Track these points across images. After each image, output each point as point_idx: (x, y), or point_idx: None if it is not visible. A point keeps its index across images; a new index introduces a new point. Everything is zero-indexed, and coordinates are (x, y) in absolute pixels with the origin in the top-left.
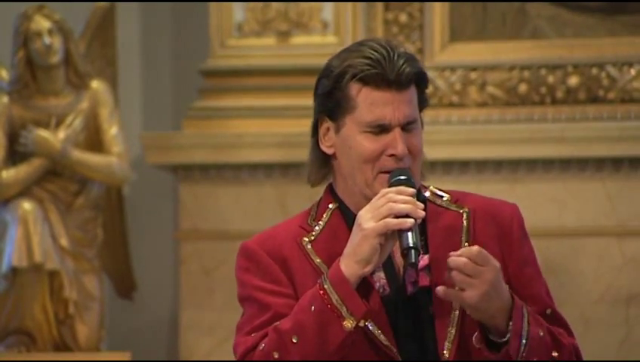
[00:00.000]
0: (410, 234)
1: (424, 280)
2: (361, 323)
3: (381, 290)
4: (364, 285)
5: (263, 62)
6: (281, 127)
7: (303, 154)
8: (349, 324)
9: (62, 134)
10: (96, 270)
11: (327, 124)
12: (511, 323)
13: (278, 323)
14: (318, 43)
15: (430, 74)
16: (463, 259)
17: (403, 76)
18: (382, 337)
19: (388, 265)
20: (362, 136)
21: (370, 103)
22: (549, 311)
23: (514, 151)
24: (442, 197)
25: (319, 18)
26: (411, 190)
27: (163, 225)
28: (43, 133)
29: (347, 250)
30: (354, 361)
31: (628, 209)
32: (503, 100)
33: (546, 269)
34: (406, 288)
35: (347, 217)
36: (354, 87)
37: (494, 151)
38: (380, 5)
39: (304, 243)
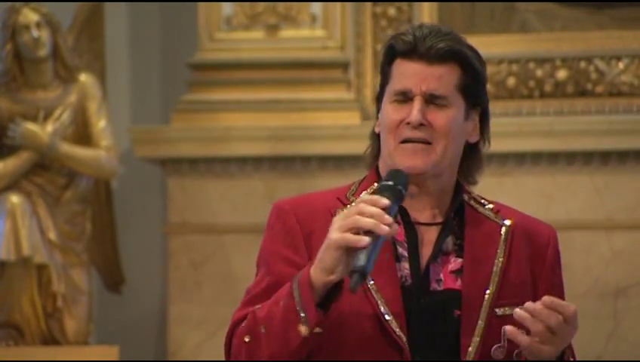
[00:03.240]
0: (362, 254)
1: (452, 283)
2: (317, 330)
3: (403, 280)
4: (388, 272)
5: (251, 55)
6: (270, 120)
7: (291, 147)
8: (303, 330)
9: (50, 127)
10: (84, 264)
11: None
12: None
13: (259, 306)
14: (307, 36)
15: None
16: (559, 318)
17: (433, 50)
18: (394, 324)
19: (413, 257)
20: (390, 106)
21: (400, 73)
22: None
23: (502, 145)
24: (484, 205)
25: (308, 11)
26: (384, 202)
27: (151, 219)
28: (31, 126)
29: (318, 255)
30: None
31: (616, 202)
32: (492, 94)
33: None
34: (429, 284)
35: None
36: (393, 60)
37: None
38: None
39: (338, 215)
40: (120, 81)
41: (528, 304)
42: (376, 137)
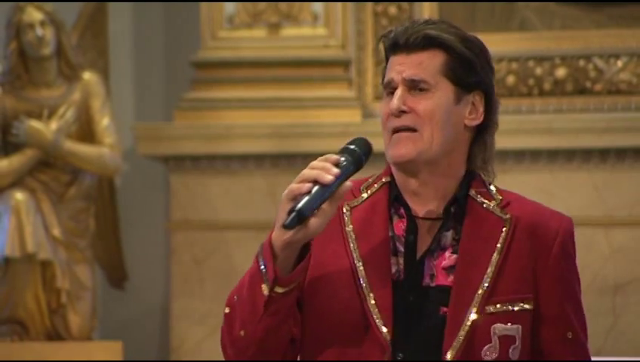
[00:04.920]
0: (305, 198)
1: (443, 279)
2: (278, 290)
3: (397, 275)
4: (381, 267)
5: (253, 53)
6: (271, 118)
7: (293, 144)
8: (265, 288)
9: (54, 125)
10: (88, 260)
11: None
12: None
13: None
14: (308, 35)
15: None
16: None
17: (411, 39)
18: (379, 320)
19: (409, 251)
20: (383, 102)
21: (388, 68)
22: (570, 334)
23: (502, 142)
24: (493, 198)
25: (309, 10)
26: (335, 157)
27: (154, 216)
28: (35, 124)
29: None
30: (342, 335)
31: (614, 199)
32: None
33: None
34: (422, 279)
35: (391, 192)
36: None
37: None
38: None
39: (345, 208)
40: (123, 79)
41: None
42: None
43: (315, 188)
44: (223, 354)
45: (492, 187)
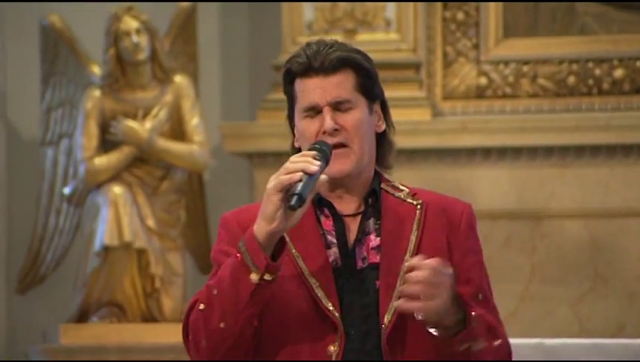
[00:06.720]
0: (300, 184)
1: (373, 258)
2: (267, 277)
3: (334, 264)
4: (319, 258)
5: None
6: None
7: None
8: (254, 277)
9: (148, 125)
10: (179, 248)
11: (293, 123)
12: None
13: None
14: (382, 40)
15: (485, 67)
16: (426, 272)
17: (327, 62)
18: (328, 303)
19: (341, 242)
20: (304, 122)
21: (303, 91)
22: (480, 295)
23: (563, 139)
24: (402, 190)
25: (383, 16)
26: (312, 153)
27: None
28: (131, 123)
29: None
30: (300, 324)
31: None
32: (553, 91)
33: (594, 247)
34: (356, 263)
35: (314, 201)
36: (293, 82)
37: (545, 138)
38: (438, 4)
39: None
40: (211, 82)
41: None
42: (296, 151)
43: (305, 177)
44: (189, 349)
45: (396, 183)
